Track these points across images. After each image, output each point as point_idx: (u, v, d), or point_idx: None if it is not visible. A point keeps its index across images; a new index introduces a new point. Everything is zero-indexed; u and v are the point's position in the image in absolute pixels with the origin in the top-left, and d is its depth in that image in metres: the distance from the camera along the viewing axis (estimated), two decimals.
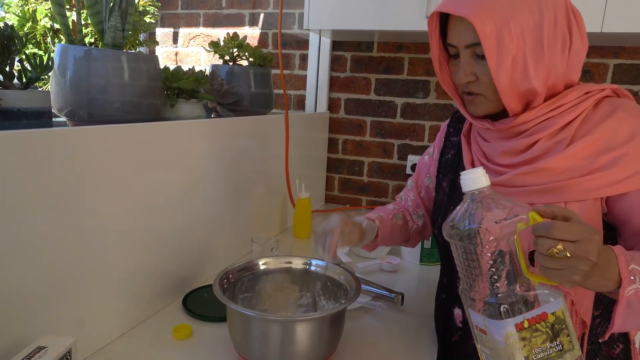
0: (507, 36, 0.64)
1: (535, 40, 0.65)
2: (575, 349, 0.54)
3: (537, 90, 0.67)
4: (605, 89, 0.70)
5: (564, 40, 0.67)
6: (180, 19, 1.96)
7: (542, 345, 0.53)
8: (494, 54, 0.65)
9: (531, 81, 0.66)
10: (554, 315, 0.53)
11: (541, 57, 0.66)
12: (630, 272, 0.56)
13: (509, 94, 0.68)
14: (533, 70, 0.66)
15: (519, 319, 0.53)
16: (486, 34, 0.65)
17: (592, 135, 0.67)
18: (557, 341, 0.53)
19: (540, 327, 0.53)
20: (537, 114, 0.69)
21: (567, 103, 0.68)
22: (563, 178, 0.67)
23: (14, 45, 0.81)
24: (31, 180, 0.64)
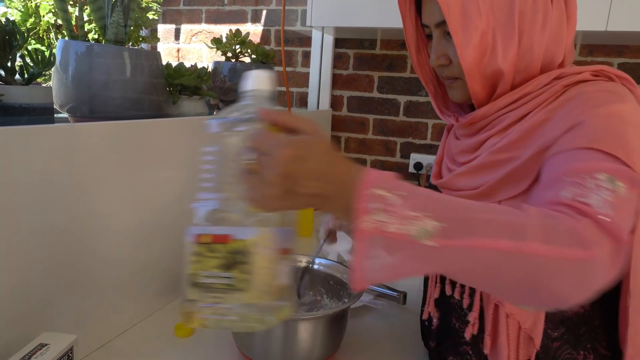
0: (474, 10, 0.58)
1: (506, 16, 0.58)
2: (250, 292, 0.44)
3: (503, 72, 0.60)
4: (584, 71, 0.59)
5: (544, 17, 0.59)
6: (182, 15, 1.96)
7: (211, 270, 0.45)
8: (459, 30, 0.58)
9: (498, 62, 0.59)
10: (242, 243, 0.45)
11: (511, 35, 0.58)
12: (368, 198, 0.42)
13: (474, 76, 0.61)
14: (501, 49, 0.59)
15: (200, 230, 0.46)
16: (450, 9, 0.58)
17: (529, 119, 0.59)
18: (229, 273, 0.45)
19: (218, 248, 0.45)
20: (497, 107, 0.61)
21: (531, 92, 0.60)
22: (493, 177, 0.60)
23: (15, 41, 0.81)
24: (32, 176, 0.64)
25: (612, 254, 0.43)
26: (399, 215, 0.41)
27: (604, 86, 0.57)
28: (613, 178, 0.47)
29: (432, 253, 0.41)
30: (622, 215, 0.45)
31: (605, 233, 0.43)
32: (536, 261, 0.41)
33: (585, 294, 0.43)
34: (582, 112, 0.54)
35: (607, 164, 0.49)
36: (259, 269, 0.45)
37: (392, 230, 0.41)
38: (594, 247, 0.42)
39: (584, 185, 0.47)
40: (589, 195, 0.46)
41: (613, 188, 0.46)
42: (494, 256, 0.41)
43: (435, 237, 0.41)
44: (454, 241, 0.41)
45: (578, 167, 0.49)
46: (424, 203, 0.43)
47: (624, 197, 0.46)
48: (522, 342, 0.59)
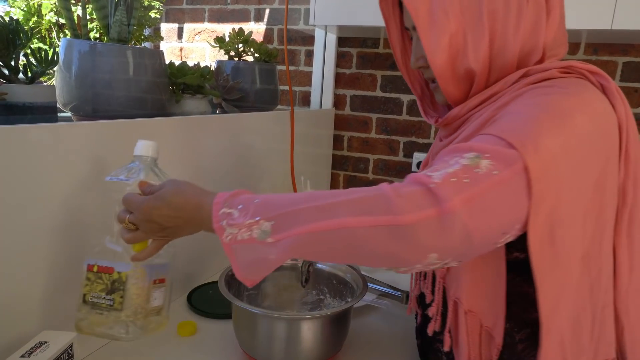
0: (441, 13, 0.57)
1: (475, 16, 0.57)
2: (123, 312, 0.60)
3: (475, 72, 0.59)
4: (551, 68, 0.57)
5: (518, 15, 0.57)
6: (185, 14, 1.96)
7: (99, 292, 0.61)
8: (428, 34, 0.58)
9: (470, 62, 0.58)
10: (119, 275, 0.60)
11: (482, 34, 0.57)
12: (221, 217, 0.52)
13: (446, 78, 0.60)
14: (472, 49, 0.58)
15: (92, 262, 0.62)
16: (418, 12, 0.58)
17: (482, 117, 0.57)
18: (111, 296, 0.61)
19: (104, 277, 0.61)
20: (468, 107, 0.61)
21: (499, 91, 0.59)
22: None
23: (19, 40, 0.81)
24: (35, 175, 0.64)
25: (437, 219, 0.45)
26: (242, 225, 0.50)
27: (563, 82, 0.55)
28: (479, 155, 0.48)
29: (276, 246, 0.49)
30: (460, 184, 0.46)
31: (429, 200, 0.46)
32: (353, 232, 0.46)
33: (418, 255, 0.46)
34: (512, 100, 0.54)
35: (485, 145, 0.49)
36: (132, 295, 0.61)
37: (242, 237, 0.50)
38: (410, 212, 0.45)
39: (447, 162, 0.49)
40: (438, 169, 0.48)
41: (469, 163, 0.48)
42: (319, 237, 0.47)
43: (272, 234, 0.49)
44: (285, 233, 0.48)
45: (456, 147, 0.51)
46: (256, 209, 0.51)
47: (481, 173, 0.47)
48: (483, 340, 0.58)
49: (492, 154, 0.48)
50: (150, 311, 0.65)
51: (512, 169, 0.47)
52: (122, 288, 0.61)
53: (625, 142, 0.54)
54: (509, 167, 0.47)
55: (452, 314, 0.61)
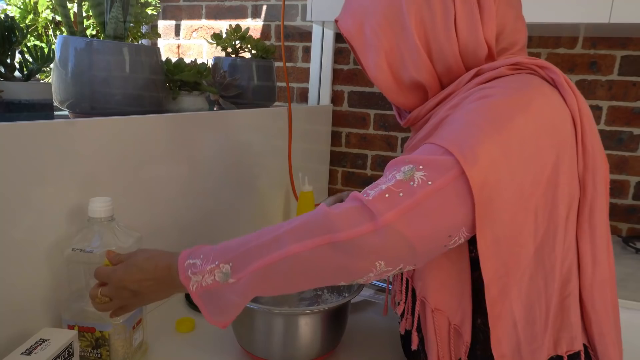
0: (371, 33, 0.59)
1: (403, 30, 0.58)
2: None
3: (420, 82, 0.60)
4: (500, 66, 0.56)
5: (445, 17, 0.57)
6: (182, 11, 1.95)
7: (85, 348, 0.67)
8: (364, 55, 0.61)
9: (412, 74, 0.60)
10: (101, 333, 0.66)
11: (414, 45, 0.58)
12: (186, 269, 0.55)
13: (392, 91, 0.62)
14: (410, 62, 0.59)
15: (71, 322, 0.67)
16: (351, 33, 0.61)
17: (434, 120, 0.58)
18: (98, 351, 0.67)
19: (87, 336, 0.67)
20: (427, 108, 0.62)
21: (453, 91, 0.59)
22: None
23: (14, 37, 0.81)
24: (32, 172, 0.64)
25: (373, 232, 0.48)
26: (204, 271, 0.53)
27: (509, 81, 0.55)
28: (414, 167, 0.51)
29: (238, 286, 0.52)
30: (394, 199, 0.49)
31: (364, 215, 0.49)
32: (300, 257, 0.50)
33: (364, 264, 0.49)
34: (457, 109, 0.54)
35: (420, 157, 0.51)
36: (117, 347, 0.68)
37: (207, 283, 0.53)
38: (346, 229, 0.49)
39: (386, 177, 0.52)
40: (376, 186, 0.51)
41: (403, 178, 0.50)
42: (273, 269, 0.51)
43: (232, 275, 0.52)
44: (243, 272, 0.52)
45: (397, 161, 0.53)
46: (215, 255, 0.54)
47: (415, 186, 0.49)
48: (452, 338, 0.59)
49: (425, 164, 0.50)
50: (135, 350, 0.72)
51: (447, 176, 0.49)
52: (107, 344, 0.67)
53: (581, 134, 0.54)
54: (443, 174, 0.49)
55: (421, 312, 0.62)
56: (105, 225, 0.67)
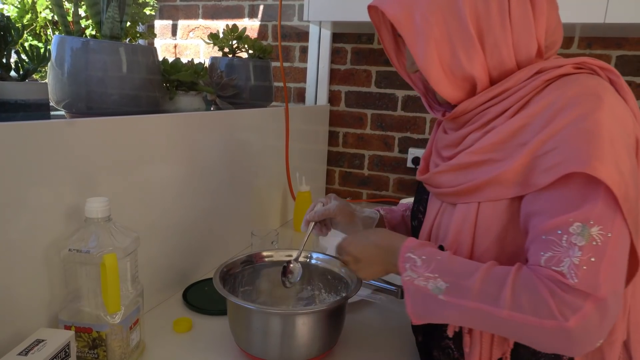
0: (423, 22, 0.58)
1: (458, 21, 0.58)
2: None
3: (473, 75, 0.60)
4: (565, 65, 0.58)
5: (501, 13, 0.58)
6: (179, 11, 1.95)
7: (82, 348, 0.68)
8: (413, 43, 0.59)
9: (464, 66, 0.59)
10: (98, 334, 0.66)
11: (469, 39, 0.58)
12: (405, 260, 0.61)
13: (440, 82, 0.61)
14: (464, 54, 0.59)
15: (68, 323, 0.67)
16: (401, 23, 0.59)
17: (509, 123, 0.58)
18: (95, 351, 0.67)
19: (84, 336, 0.67)
20: (477, 102, 0.62)
21: (511, 87, 0.59)
22: (473, 178, 0.60)
23: (10, 37, 0.81)
24: (29, 173, 0.64)
25: (597, 311, 0.50)
26: (421, 275, 0.59)
27: (583, 87, 0.56)
28: (585, 227, 0.52)
29: (443, 304, 0.57)
30: (592, 268, 0.50)
31: (578, 298, 0.50)
32: (520, 327, 0.52)
33: (587, 349, 0.51)
34: (561, 128, 0.54)
35: (578, 211, 0.52)
36: (114, 348, 0.68)
37: (418, 283, 0.59)
38: (571, 316, 0.50)
39: (559, 245, 0.52)
40: (562, 261, 0.52)
41: (584, 243, 0.51)
42: (484, 316, 0.54)
43: (444, 294, 0.57)
44: (454, 299, 0.56)
45: (554, 222, 0.53)
46: (436, 266, 0.59)
47: (599, 244, 0.51)
48: (496, 341, 0.61)
49: (595, 218, 0.51)
50: (132, 351, 0.72)
51: (618, 219, 0.52)
52: (104, 344, 0.67)
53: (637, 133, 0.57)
54: (613, 219, 0.52)
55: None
56: (102, 226, 0.67)
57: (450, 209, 0.65)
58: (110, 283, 0.63)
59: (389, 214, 0.91)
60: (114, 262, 0.63)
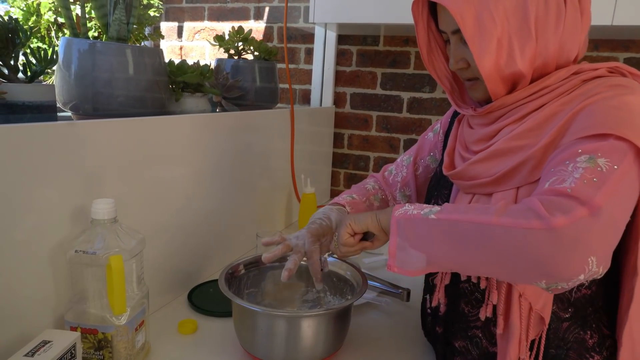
0: (488, 19, 0.60)
1: (521, 20, 0.60)
2: None
3: (522, 73, 0.62)
4: (600, 68, 0.62)
5: (557, 15, 0.61)
6: (184, 13, 1.96)
7: (88, 350, 0.67)
8: (475, 39, 0.61)
9: (517, 64, 0.62)
10: (103, 335, 0.67)
11: (528, 37, 0.61)
12: (397, 208, 0.62)
13: (493, 79, 0.63)
14: (519, 52, 0.61)
15: (74, 324, 0.67)
16: (465, 19, 0.61)
17: (544, 110, 0.62)
18: (101, 352, 0.67)
19: (90, 337, 0.67)
20: (516, 98, 0.64)
21: (550, 85, 0.62)
22: (510, 163, 0.62)
23: (18, 39, 0.81)
24: (35, 174, 0.64)
25: (589, 217, 0.48)
26: (416, 207, 0.61)
27: (618, 81, 0.60)
28: (593, 156, 0.53)
29: (434, 224, 0.57)
30: (592, 184, 0.50)
31: (574, 202, 0.49)
32: (509, 231, 0.51)
33: (578, 260, 0.48)
34: (593, 102, 0.57)
35: (589, 145, 0.54)
36: (119, 349, 0.68)
37: (411, 213, 0.60)
38: (560, 215, 0.48)
39: (565, 171, 0.53)
40: (564, 179, 0.53)
41: (589, 165, 0.52)
42: (475, 227, 0.53)
43: (436, 213, 0.58)
44: (446, 215, 0.56)
45: (564, 156, 0.55)
46: (430, 207, 0.60)
47: (603, 171, 0.51)
48: (532, 322, 0.61)
49: (602, 151, 0.53)
50: (137, 352, 0.72)
51: (627, 160, 0.53)
52: (109, 345, 0.67)
53: None
54: (623, 158, 0.53)
55: (505, 298, 0.63)
56: (108, 227, 0.67)
57: (484, 200, 0.66)
58: (116, 284, 0.63)
59: (353, 208, 0.89)
60: (120, 264, 0.63)
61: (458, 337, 0.70)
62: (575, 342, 0.63)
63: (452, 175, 0.71)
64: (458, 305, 0.70)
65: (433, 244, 0.57)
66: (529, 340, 0.62)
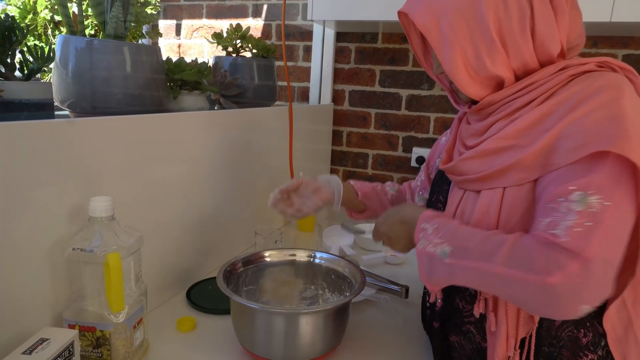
0: (448, 27, 0.62)
1: (480, 27, 0.61)
2: None
3: (500, 76, 0.64)
4: (588, 62, 0.62)
5: (521, 19, 0.61)
6: (182, 11, 1.95)
7: (86, 347, 0.68)
8: (439, 48, 0.63)
9: (489, 68, 0.63)
10: (101, 333, 0.67)
11: (492, 43, 0.62)
12: (420, 231, 0.67)
13: (466, 83, 0.65)
14: (487, 57, 0.62)
15: (72, 322, 0.67)
16: (429, 29, 0.63)
17: (535, 110, 0.62)
18: (99, 350, 0.67)
19: (88, 335, 0.67)
20: (504, 94, 0.65)
21: (537, 81, 0.63)
22: (498, 163, 0.63)
23: (15, 36, 0.81)
24: (33, 172, 0.64)
25: (582, 271, 0.50)
26: (431, 241, 0.64)
27: (607, 80, 0.59)
28: (584, 194, 0.54)
29: (449, 267, 0.61)
30: (585, 231, 0.52)
31: (566, 256, 0.51)
32: (504, 280, 0.55)
33: (571, 311, 0.52)
34: (583, 114, 0.57)
35: (581, 179, 0.54)
36: (118, 347, 0.68)
37: (429, 250, 0.64)
38: (551, 273, 0.51)
39: (558, 211, 0.55)
40: (558, 224, 0.54)
41: (581, 208, 0.53)
42: (479, 273, 0.58)
43: (449, 257, 0.61)
44: (457, 261, 0.60)
45: (557, 192, 0.56)
46: (445, 234, 0.63)
47: (596, 211, 0.52)
48: (522, 320, 0.62)
49: (595, 186, 0.53)
50: (136, 350, 0.72)
51: (622, 185, 0.53)
52: (108, 343, 0.67)
53: None
54: (617, 186, 0.53)
55: (494, 296, 0.64)
56: (106, 225, 0.67)
57: (473, 196, 0.67)
58: (114, 282, 0.63)
59: (359, 183, 0.99)
60: (118, 261, 0.63)
61: (453, 332, 0.71)
62: (569, 341, 0.62)
63: (446, 170, 0.73)
64: (453, 300, 0.70)
65: (452, 280, 0.62)
66: (519, 338, 0.62)
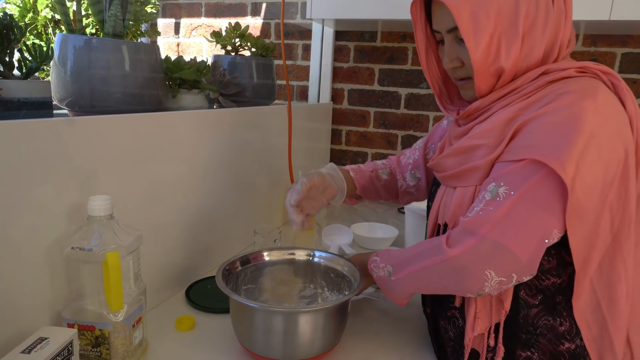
0: (483, 15, 0.62)
1: (512, 19, 0.63)
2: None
3: (504, 70, 0.65)
4: (568, 68, 0.64)
5: (545, 19, 0.63)
6: (181, 9, 1.95)
7: (85, 346, 0.67)
8: (471, 36, 0.63)
9: (501, 61, 0.64)
10: (101, 332, 0.67)
11: (515, 37, 0.63)
12: (371, 262, 0.77)
13: (482, 75, 0.66)
14: (505, 50, 0.64)
15: (71, 321, 0.67)
16: (461, 14, 0.63)
17: (504, 111, 0.64)
18: (98, 349, 0.67)
19: (87, 334, 0.67)
20: (489, 100, 0.67)
21: (519, 87, 0.65)
22: (470, 161, 0.67)
23: (13, 35, 0.81)
24: (31, 171, 0.64)
25: (476, 245, 0.59)
26: (379, 267, 0.74)
27: (579, 85, 0.61)
28: (496, 186, 0.61)
29: (396, 282, 0.71)
30: (486, 215, 0.59)
31: (465, 234, 0.60)
32: (426, 271, 0.64)
33: (475, 278, 0.59)
34: (534, 117, 0.60)
35: (501, 172, 0.61)
36: (117, 346, 0.68)
37: (380, 274, 0.74)
38: (452, 248, 0.60)
39: (478, 200, 0.63)
40: (472, 210, 0.62)
41: (490, 197, 0.61)
42: (413, 276, 0.67)
43: (393, 275, 0.71)
44: (398, 275, 0.70)
45: (485, 182, 0.63)
46: (387, 259, 0.74)
47: (500, 200, 0.59)
48: (494, 305, 0.65)
49: (506, 179, 0.60)
50: (135, 349, 0.72)
51: (532, 180, 0.58)
52: (107, 342, 0.67)
53: (637, 137, 0.60)
54: (525, 182, 0.58)
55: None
56: (105, 224, 0.67)
57: (450, 190, 0.72)
58: (113, 281, 0.63)
59: (358, 174, 0.99)
60: (117, 260, 0.63)
61: (441, 317, 0.75)
62: (545, 329, 0.64)
63: (431, 166, 0.77)
64: None
65: (406, 291, 0.72)
66: (493, 322, 0.65)
